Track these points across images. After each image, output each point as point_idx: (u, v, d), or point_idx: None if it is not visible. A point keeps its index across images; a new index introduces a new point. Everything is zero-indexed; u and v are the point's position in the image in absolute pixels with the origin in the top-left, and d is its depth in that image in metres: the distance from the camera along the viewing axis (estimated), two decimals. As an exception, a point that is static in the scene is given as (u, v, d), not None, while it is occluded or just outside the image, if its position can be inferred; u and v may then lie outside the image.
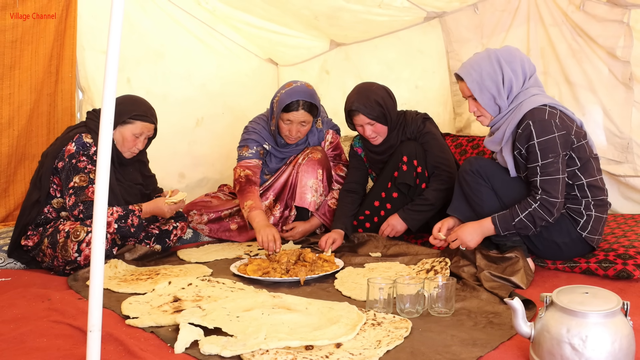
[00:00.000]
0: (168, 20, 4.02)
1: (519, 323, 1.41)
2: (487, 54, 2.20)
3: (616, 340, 1.28)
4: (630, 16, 2.78)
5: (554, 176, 2.05)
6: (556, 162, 2.05)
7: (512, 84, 2.17)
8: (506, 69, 2.16)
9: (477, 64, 2.20)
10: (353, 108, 2.71)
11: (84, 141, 2.56)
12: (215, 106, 4.33)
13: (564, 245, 2.20)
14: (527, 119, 2.09)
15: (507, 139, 2.19)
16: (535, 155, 2.07)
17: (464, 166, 2.30)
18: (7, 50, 3.21)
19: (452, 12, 3.53)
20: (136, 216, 2.53)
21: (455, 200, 2.36)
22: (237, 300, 1.90)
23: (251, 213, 2.78)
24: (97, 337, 1.24)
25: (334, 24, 3.89)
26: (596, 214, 2.16)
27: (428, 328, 1.68)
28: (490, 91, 2.18)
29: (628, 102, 2.85)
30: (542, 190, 2.06)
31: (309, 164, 3.04)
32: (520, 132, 2.11)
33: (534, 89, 2.18)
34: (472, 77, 2.20)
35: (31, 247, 2.53)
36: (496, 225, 2.14)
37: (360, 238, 2.84)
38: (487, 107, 2.22)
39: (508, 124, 2.17)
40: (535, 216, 2.07)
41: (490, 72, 2.17)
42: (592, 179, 2.16)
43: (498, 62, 2.16)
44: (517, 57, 2.19)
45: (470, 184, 2.26)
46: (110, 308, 1.93)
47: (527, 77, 2.19)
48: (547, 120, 2.06)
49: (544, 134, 2.05)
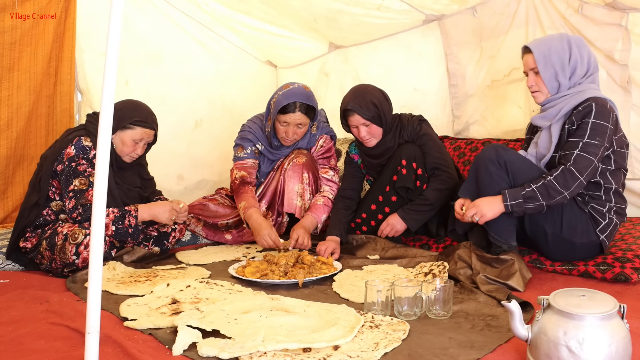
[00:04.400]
0: (167, 22, 4.02)
1: (517, 326, 1.41)
2: (560, 34, 2.28)
3: (613, 343, 1.28)
4: (629, 19, 2.79)
5: (591, 157, 2.06)
6: (598, 147, 2.07)
7: (576, 66, 2.21)
8: (574, 51, 2.20)
9: (548, 40, 2.27)
10: (348, 107, 2.71)
11: (84, 144, 2.56)
12: (214, 108, 4.33)
13: (580, 245, 2.18)
14: (591, 101, 2.12)
15: (561, 116, 2.21)
16: (584, 132, 2.09)
17: (489, 153, 2.21)
18: (5, 51, 3.21)
19: (451, 15, 3.54)
20: (133, 216, 2.53)
21: (467, 183, 2.31)
22: (236, 302, 1.90)
23: (246, 213, 2.82)
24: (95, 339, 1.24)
25: (333, 26, 3.89)
26: (616, 219, 2.19)
27: (426, 330, 1.69)
28: (555, 66, 2.21)
29: (626, 105, 2.86)
30: (574, 161, 2.06)
31: (294, 169, 3.04)
32: (580, 109, 2.14)
33: (594, 84, 2.23)
34: (540, 49, 2.24)
35: (29, 249, 2.53)
36: (505, 195, 2.09)
37: (359, 240, 2.84)
38: (547, 81, 2.24)
39: (567, 103, 2.20)
40: (549, 187, 2.04)
41: (559, 49, 2.21)
42: (619, 186, 2.20)
43: (569, 42, 2.22)
44: (587, 47, 2.25)
45: (494, 176, 2.18)
46: (108, 310, 1.93)
47: (590, 68, 2.23)
48: (607, 110, 2.11)
49: (601, 118, 2.09)
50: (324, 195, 3.02)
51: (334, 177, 3.12)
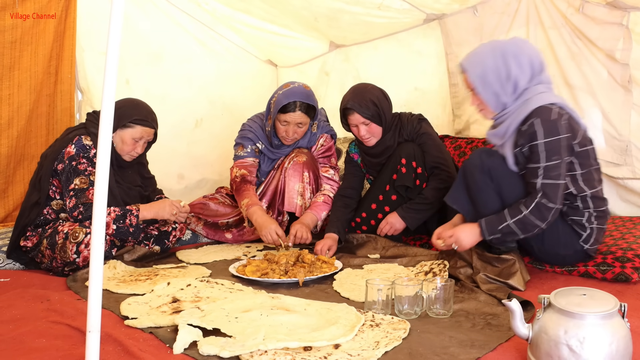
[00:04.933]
0: (167, 21, 4.02)
1: (517, 324, 1.41)
2: (492, 46, 2.08)
3: (613, 341, 1.28)
4: (630, 19, 2.78)
5: (556, 181, 1.96)
6: (559, 166, 1.96)
7: (517, 80, 2.04)
8: (511, 64, 2.03)
9: (480, 58, 2.08)
10: (348, 106, 2.71)
11: (84, 143, 2.56)
12: (214, 107, 4.33)
13: (567, 256, 2.17)
14: (533, 116, 1.98)
15: (510, 134, 2.07)
16: (539, 156, 1.97)
17: (474, 161, 2.15)
18: (6, 50, 3.21)
19: (452, 14, 3.53)
20: (134, 216, 2.54)
21: (454, 191, 2.24)
22: (236, 301, 1.90)
23: (249, 210, 2.82)
24: (96, 338, 1.24)
25: (333, 25, 3.89)
26: (598, 225, 2.11)
27: (426, 329, 1.69)
28: (493, 87, 2.06)
29: (627, 104, 2.85)
30: (543, 193, 1.96)
31: (295, 168, 3.04)
32: (524, 129, 2.00)
33: (542, 86, 2.06)
34: (475, 72, 2.08)
35: (30, 248, 2.53)
36: (482, 228, 2.05)
37: (359, 239, 2.84)
38: (489, 103, 2.10)
39: (513, 119, 2.05)
40: (526, 223, 1.98)
41: (493, 67, 2.04)
42: (594, 190, 2.08)
43: (503, 56, 2.04)
44: (525, 50, 2.06)
45: (479, 183, 2.13)
46: (109, 309, 1.93)
47: (535, 72, 2.06)
48: (554, 121, 1.96)
49: (549, 135, 1.95)
50: (325, 193, 3.02)
51: (334, 176, 3.12)
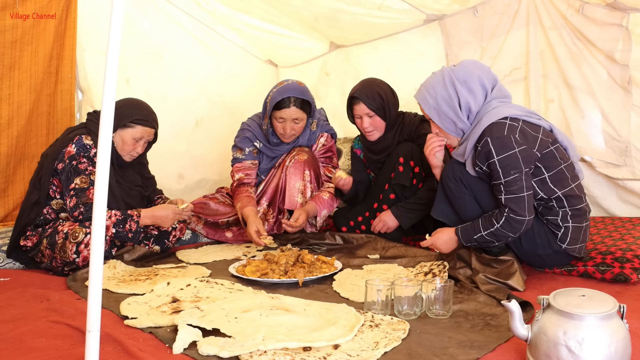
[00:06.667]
0: (167, 21, 4.03)
1: (516, 325, 1.42)
2: (442, 75, 2.13)
3: (612, 343, 1.28)
4: (629, 20, 2.79)
5: (518, 194, 1.99)
6: (519, 179, 1.98)
7: (469, 105, 2.09)
8: (462, 91, 2.08)
9: (432, 88, 2.14)
10: (355, 95, 2.77)
11: (84, 143, 2.57)
12: (214, 107, 4.33)
13: (546, 257, 2.17)
14: (486, 135, 2.01)
15: (468, 154, 2.13)
16: (498, 173, 2.00)
17: (447, 172, 2.23)
18: (6, 50, 3.22)
19: (452, 15, 3.53)
20: (134, 222, 2.53)
21: (439, 202, 2.30)
22: (236, 301, 1.91)
23: (242, 212, 2.91)
24: (95, 338, 1.24)
25: (333, 25, 3.89)
26: (574, 224, 2.09)
27: (425, 330, 1.69)
28: (449, 116, 2.12)
29: (626, 105, 2.86)
30: (509, 208, 2.00)
31: (296, 166, 3.05)
32: (479, 149, 2.04)
33: (495, 101, 2.10)
34: (429, 104, 2.15)
35: (30, 247, 2.53)
36: (459, 237, 2.14)
37: (359, 240, 2.85)
38: (449, 131, 2.17)
39: (469, 139, 2.10)
40: (498, 235, 2.04)
41: (446, 97, 2.10)
42: (566, 189, 2.07)
43: (452, 84, 2.09)
44: (474, 73, 2.10)
45: (454, 192, 2.20)
46: (109, 308, 1.93)
47: (488, 91, 2.11)
48: (506, 136, 1.98)
49: (503, 151, 1.98)
50: (330, 191, 3.05)
51: None
